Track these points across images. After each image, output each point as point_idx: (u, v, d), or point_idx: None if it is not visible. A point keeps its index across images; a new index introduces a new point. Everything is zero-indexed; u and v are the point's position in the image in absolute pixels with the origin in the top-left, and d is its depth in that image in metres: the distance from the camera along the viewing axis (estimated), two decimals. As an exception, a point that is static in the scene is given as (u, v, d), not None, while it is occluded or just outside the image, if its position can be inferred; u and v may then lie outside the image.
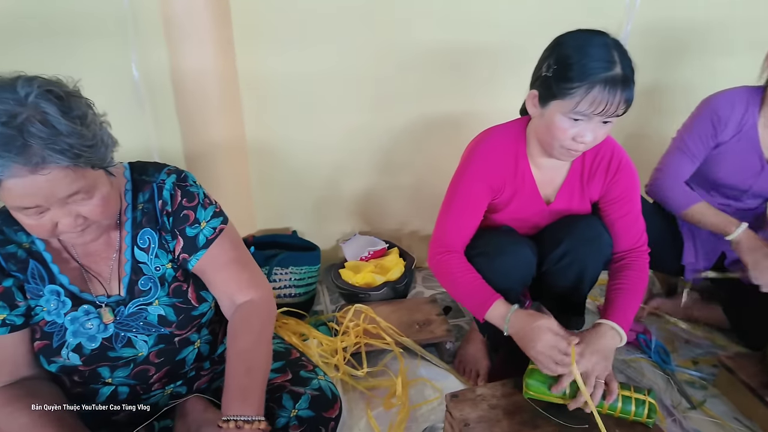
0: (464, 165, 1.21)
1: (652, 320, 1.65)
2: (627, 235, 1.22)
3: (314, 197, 1.81)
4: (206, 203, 0.94)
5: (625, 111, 1.02)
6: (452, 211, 1.20)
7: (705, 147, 1.41)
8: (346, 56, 1.59)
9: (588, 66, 0.97)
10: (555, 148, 1.08)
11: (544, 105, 1.06)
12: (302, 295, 1.62)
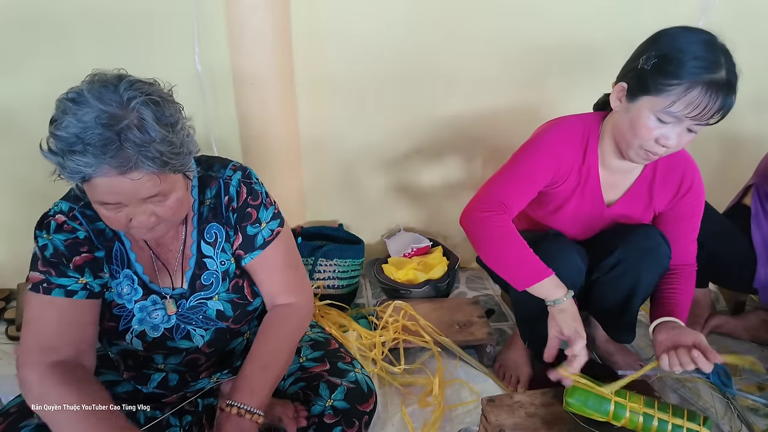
0: (534, 139, 1.13)
1: (713, 339, 1.54)
2: (682, 251, 1.18)
3: (361, 192, 1.83)
4: (268, 203, 0.96)
5: (719, 120, 0.95)
6: (513, 174, 1.10)
7: None
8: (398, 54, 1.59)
9: (691, 64, 0.91)
10: (633, 147, 1.02)
11: (633, 99, 0.99)
12: (345, 287, 1.64)
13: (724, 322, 1.56)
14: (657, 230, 1.16)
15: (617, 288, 1.18)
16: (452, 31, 1.57)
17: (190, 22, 1.43)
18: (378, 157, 1.77)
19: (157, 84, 0.77)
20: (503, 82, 1.65)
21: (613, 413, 0.98)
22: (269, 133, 1.59)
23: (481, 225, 1.06)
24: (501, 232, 1.05)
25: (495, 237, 1.06)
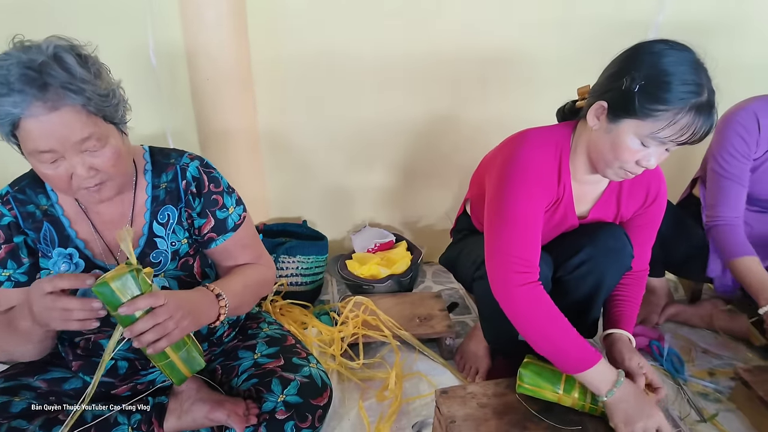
0: (514, 172, 1.03)
1: (670, 327, 1.58)
2: (638, 258, 1.19)
3: (326, 188, 1.83)
4: (230, 190, 1.02)
5: (702, 139, 0.92)
6: (519, 225, 1.01)
7: (746, 166, 1.31)
8: (364, 47, 1.59)
9: (680, 89, 0.87)
10: (612, 167, 0.98)
11: (615, 120, 0.94)
12: (309, 284, 1.63)
13: (681, 310, 1.60)
14: (622, 230, 1.16)
15: (581, 286, 1.18)
16: (410, 30, 1.58)
17: (143, 13, 1.41)
18: (343, 153, 1.76)
19: (81, 44, 0.80)
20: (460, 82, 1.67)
21: (564, 388, 1.01)
22: (228, 128, 1.57)
23: (525, 305, 0.99)
24: (543, 313, 0.98)
25: (537, 320, 0.98)
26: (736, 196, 1.31)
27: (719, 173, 1.33)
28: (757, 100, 1.31)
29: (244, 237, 1.03)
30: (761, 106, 1.29)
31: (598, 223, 1.16)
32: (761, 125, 1.27)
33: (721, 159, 1.32)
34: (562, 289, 1.19)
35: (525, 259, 1.00)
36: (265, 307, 1.46)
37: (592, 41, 1.53)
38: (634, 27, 1.71)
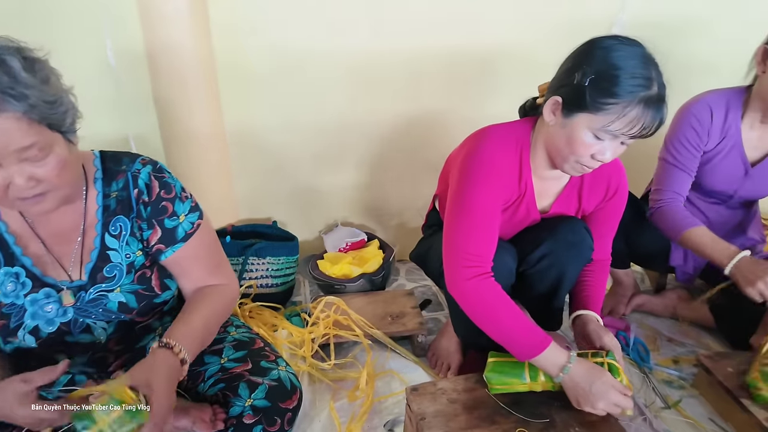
0: (472, 168, 1.05)
1: (636, 317, 1.61)
2: (601, 248, 1.22)
3: (297, 188, 1.81)
4: (183, 197, 0.96)
5: (653, 133, 0.94)
6: (473, 220, 1.03)
7: (695, 156, 1.35)
8: (332, 45, 1.57)
9: (629, 83, 0.89)
10: (569, 162, 1.00)
11: (569, 115, 0.96)
12: (280, 285, 1.61)
13: (646, 300, 1.64)
14: (582, 223, 1.18)
15: (544, 279, 1.20)
16: (377, 27, 1.57)
17: (100, 10, 1.36)
18: (313, 152, 1.74)
19: (29, 47, 0.76)
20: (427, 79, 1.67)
21: (530, 376, 1.03)
22: (193, 129, 1.54)
23: (473, 297, 1.02)
24: (492, 304, 1.01)
25: (488, 311, 1.01)
26: (681, 182, 1.35)
27: (668, 161, 1.37)
28: (712, 93, 1.34)
29: (197, 248, 0.96)
30: (716, 99, 1.32)
31: (558, 217, 1.18)
32: (714, 116, 1.31)
33: (672, 148, 1.35)
34: (526, 283, 1.21)
35: (476, 254, 1.02)
36: (233, 310, 1.43)
37: (556, 39, 1.55)
38: (598, 25, 1.74)
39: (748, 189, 1.38)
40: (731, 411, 1.18)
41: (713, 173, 1.37)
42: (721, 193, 1.41)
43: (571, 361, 0.98)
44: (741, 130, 1.32)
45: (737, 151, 1.33)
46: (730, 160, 1.35)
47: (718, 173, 1.37)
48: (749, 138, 1.32)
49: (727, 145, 1.33)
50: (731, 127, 1.31)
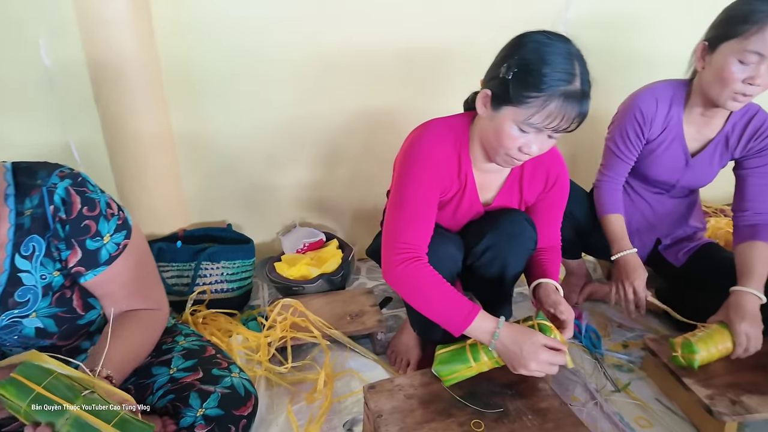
0: (410, 160, 1.08)
1: (588, 305, 1.67)
2: (548, 235, 1.26)
3: (252, 189, 1.77)
4: (109, 214, 0.88)
5: (576, 128, 0.97)
6: (407, 210, 1.06)
7: (636, 146, 1.41)
8: (282, 41, 1.55)
9: (550, 76, 0.91)
10: (499, 154, 1.03)
11: (497, 108, 0.98)
12: (236, 290, 1.58)
13: (597, 288, 1.70)
14: (522, 215, 1.21)
15: (489, 271, 1.23)
16: (328, 23, 1.56)
17: (36, 18, 1.29)
18: (266, 152, 1.72)
19: None
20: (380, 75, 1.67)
21: (473, 358, 1.05)
22: (139, 132, 1.49)
23: (404, 281, 1.04)
24: (422, 284, 1.03)
25: (418, 291, 1.03)
26: (619, 168, 1.44)
27: (610, 147, 1.44)
28: (660, 84, 1.39)
29: (123, 271, 0.89)
30: (662, 90, 1.37)
31: (500, 209, 1.21)
32: (659, 107, 1.36)
33: (619, 137, 1.41)
34: (474, 275, 1.24)
35: (408, 242, 1.04)
36: (184, 318, 1.39)
37: (503, 36, 1.57)
38: (544, 23, 1.78)
39: (689, 179, 1.45)
40: (675, 390, 1.24)
41: (656, 164, 1.43)
42: (664, 183, 1.48)
43: (500, 326, 1.00)
44: (683, 122, 1.38)
45: (679, 142, 1.39)
46: (672, 151, 1.41)
47: (661, 164, 1.43)
48: (690, 129, 1.38)
49: (669, 136, 1.39)
50: (673, 118, 1.37)
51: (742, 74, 1.17)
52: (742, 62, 1.16)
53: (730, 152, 1.38)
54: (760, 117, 1.33)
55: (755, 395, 1.12)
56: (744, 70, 1.16)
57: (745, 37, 1.14)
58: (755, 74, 1.15)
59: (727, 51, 1.18)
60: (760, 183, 1.34)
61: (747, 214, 1.35)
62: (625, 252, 1.36)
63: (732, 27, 1.17)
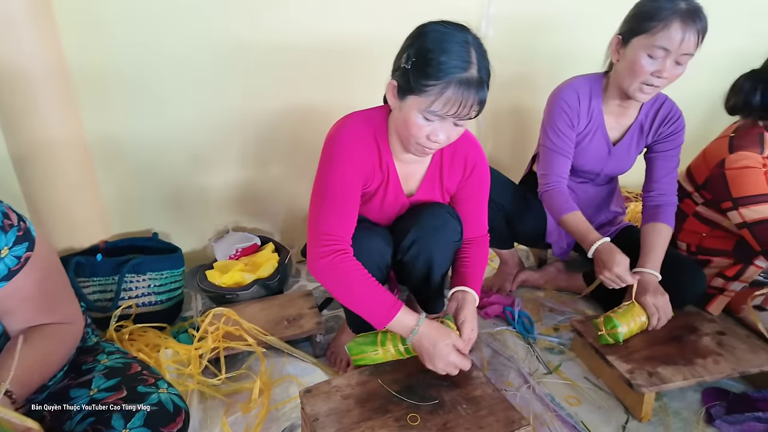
0: (331, 151, 1.09)
1: (521, 292, 1.73)
2: (474, 225, 1.27)
3: (178, 195, 1.69)
4: (7, 225, 0.81)
5: (477, 114, 0.99)
6: (329, 202, 1.07)
7: (571, 138, 1.46)
8: (204, 39, 1.49)
9: (446, 64, 0.92)
10: (411, 144, 1.05)
11: (402, 98, 1.00)
12: (165, 302, 1.50)
13: (529, 276, 1.77)
14: (445, 208, 1.22)
15: (416, 265, 1.24)
16: (250, 20, 1.52)
17: None
18: (190, 154, 1.65)
19: None
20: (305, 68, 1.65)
21: (381, 344, 1.09)
22: (46, 139, 1.38)
23: (329, 273, 1.04)
24: (346, 277, 1.03)
25: (343, 284, 1.04)
26: (561, 165, 1.47)
27: (548, 147, 1.48)
28: (577, 79, 1.46)
29: (25, 287, 0.83)
30: (581, 84, 1.44)
31: (423, 203, 1.22)
32: (580, 101, 1.42)
33: (551, 133, 1.46)
34: (404, 271, 1.25)
35: (330, 234, 1.05)
36: (108, 335, 1.31)
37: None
38: (467, 18, 1.82)
39: (611, 167, 1.53)
40: (601, 368, 1.31)
41: (582, 155, 1.50)
42: (589, 172, 1.55)
43: (419, 323, 1.04)
44: (603, 113, 1.45)
45: (601, 133, 1.47)
46: (596, 142, 1.48)
47: (587, 154, 1.50)
48: (610, 120, 1.46)
49: (593, 127, 1.46)
50: (595, 110, 1.44)
51: (651, 67, 1.25)
52: (651, 56, 1.24)
53: (645, 138, 1.47)
54: (667, 105, 1.44)
55: (670, 366, 1.20)
56: (653, 63, 1.25)
57: (652, 33, 1.22)
58: (662, 68, 1.24)
59: (637, 45, 1.26)
60: (666, 166, 1.45)
61: (653, 194, 1.45)
62: (598, 243, 1.33)
63: (641, 23, 1.25)
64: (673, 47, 1.21)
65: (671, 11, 1.20)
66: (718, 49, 2.05)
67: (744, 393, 1.25)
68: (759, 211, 1.27)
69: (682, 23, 1.19)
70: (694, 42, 1.20)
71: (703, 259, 1.51)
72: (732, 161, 1.31)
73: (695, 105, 1.86)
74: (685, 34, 1.19)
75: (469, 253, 1.25)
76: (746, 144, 1.32)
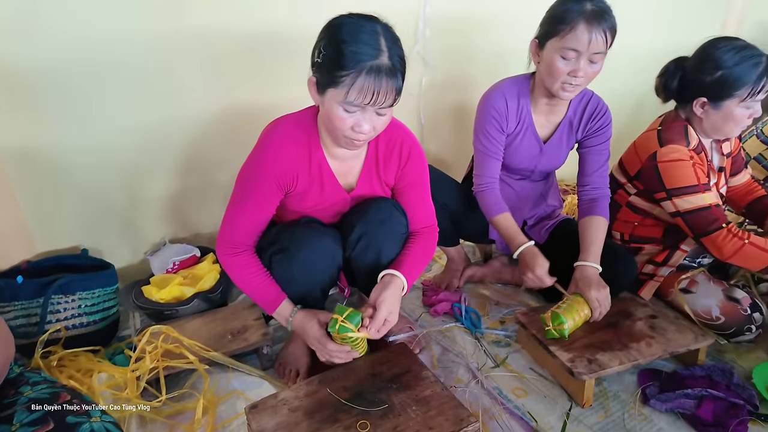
0: (254, 156, 1.14)
1: (469, 287, 1.76)
2: (416, 218, 1.28)
3: (109, 207, 1.60)
4: None
5: (394, 101, 1.00)
6: (241, 205, 1.14)
7: (500, 141, 1.50)
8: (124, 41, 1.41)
9: (355, 53, 0.94)
10: (339, 137, 1.06)
11: (323, 93, 1.01)
12: (98, 322, 1.41)
13: (475, 271, 1.80)
14: (389, 201, 1.24)
15: (365, 260, 1.25)
16: (174, 24, 1.45)
17: None
18: (120, 164, 1.55)
19: None
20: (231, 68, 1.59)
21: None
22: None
23: (227, 270, 1.17)
24: (240, 273, 1.16)
25: (239, 279, 1.17)
26: (492, 167, 1.51)
27: (480, 150, 1.52)
28: (504, 82, 1.50)
29: None
30: (508, 87, 1.48)
31: (368, 199, 1.24)
32: (508, 104, 1.47)
33: (482, 137, 1.49)
34: (354, 267, 1.26)
35: (235, 241, 1.15)
36: (33, 363, 1.21)
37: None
38: (402, 18, 1.83)
39: (544, 163, 1.58)
40: (545, 358, 1.35)
41: (515, 154, 1.55)
42: (524, 169, 1.60)
43: (293, 314, 1.17)
44: (532, 113, 1.50)
45: (531, 132, 1.52)
46: (527, 141, 1.53)
47: (519, 153, 1.55)
48: (539, 118, 1.51)
49: (523, 127, 1.51)
50: (524, 110, 1.49)
51: (566, 68, 1.30)
52: (564, 58, 1.30)
53: (575, 134, 1.54)
54: (594, 100, 1.50)
55: (607, 352, 1.26)
56: (567, 64, 1.30)
57: (561, 36, 1.28)
58: (577, 68, 1.29)
59: (551, 48, 1.32)
60: (598, 160, 1.52)
61: (587, 189, 1.52)
62: (523, 246, 1.41)
63: (552, 27, 1.31)
64: (583, 48, 1.27)
65: (577, 13, 1.26)
66: (646, 48, 2.18)
67: (674, 371, 1.32)
68: (691, 201, 1.35)
69: (587, 24, 1.25)
70: (602, 41, 1.26)
71: (636, 247, 1.59)
72: (663, 154, 1.39)
73: (624, 101, 1.96)
74: (591, 35, 1.25)
75: (412, 243, 1.26)
76: (674, 137, 1.40)
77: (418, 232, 1.29)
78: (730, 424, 1.13)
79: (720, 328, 1.39)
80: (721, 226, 1.31)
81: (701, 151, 1.42)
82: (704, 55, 1.34)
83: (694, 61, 1.37)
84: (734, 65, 1.29)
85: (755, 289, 1.53)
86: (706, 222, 1.33)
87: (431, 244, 1.30)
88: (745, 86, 1.28)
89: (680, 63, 1.41)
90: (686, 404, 1.20)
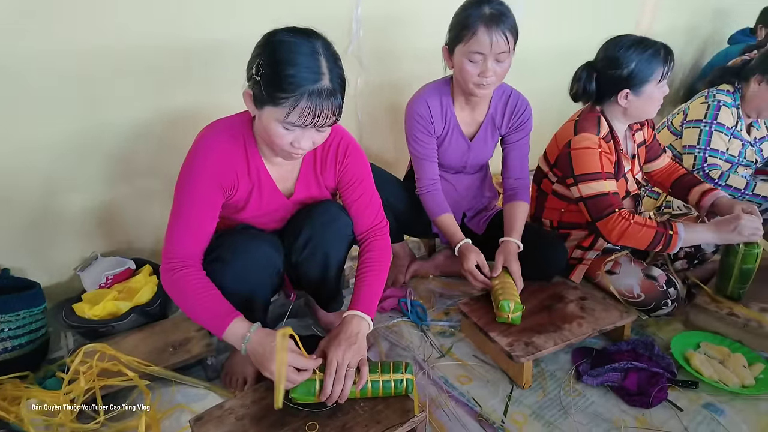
0: (189, 164, 1.09)
1: (414, 282, 1.80)
2: (364, 215, 1.27)
3: (32, 222, 1.50)
4: None
5: (336, 120, 1.00)
6: (182, 217, 1.07)
7: (432, 144, 1.56)
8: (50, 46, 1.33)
9: (295, 77, 0.92)
10: (278, 151, 1.05)
11: (260, 108, 0.99)
12: (25, 345, 1.32)
13: (420, 265, 1.84)
14: (335, 204, 1.24)
15: (313, 264, 1.25)
16: (100, 25, 1.38)
17: None
18: (43, 175, 1.46)
19: None
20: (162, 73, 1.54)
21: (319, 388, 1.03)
22: None
23: (170, 290, 1.06)
24: (185, 292, 1.04)
25: (183, 300, 1.05)
26: (430, 170, 1.58)
27: (415, 155, 1.59)
28: (426, 88, 1.57)
29: None
30: (429, 92, 1.54)
31: (312, 203, 1.24)
32: (431, 108, 1.53)
33: (414, 142, 1.56)
34: (301, 272, 1.26)
35: (177, 254, 1.06)
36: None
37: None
38: (336, 20, 1.84)
39: (473, 159, 1.66)
40: (486, 344, 1.41)
41: (446, 153, 1.62)
42: (456, 166, 1.67)
43: (251, 330, 1.03)
44: (455, 113, 1.56)
45: (458, 131, 1.58)
46: (455, 140, 1.60)
47: (450, 152, 1.62)
48: (463, 117, 1.58)
49: (449, 128, 1.57)
50: (447, 112, 1.55)
51: (475, 70, 1.38)
52: (471, 61, 1.37)
53: (498, 130, 1.62)
54: (514, 97, 1.59)
55: (542, 334, 1.33)
56: (475, 66, 1.38)
57: (466, 41, 1.35)
58: (485, 69, 1.37)
59: (459, 53, 1.39)
60: (519, 154, 1.63)
61: (510, 180, 1.64)
62: (459, 244, 1.52)
63: (457, 33, 1.38)
64: (486, 51, 1.34)
65: (477, 18, 1.33)
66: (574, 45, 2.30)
67: (604, 348, 1.43)
68: (592, 187, 1.45)
69: (486, 28, 1.32)
70: (503, 42, 1.33)
71: (564, 233, 1.70)
72: (576, 142, 1.48)
73: (551, 98, 2.06)
74: (492, 37, 1.32)
75: (367, 261, 1.21)
76: (587, 126, 1.50)
77: (367, 237, 1.26)
78: (651, 392, 1.24)
79: (641, 304, 1.52)
80: (613, 210, 1.42)
81: (611, 140, 1.53)
82: (613, 55, 1.45)
83: (604, 62, 1.47)
84: (643, 55, 1.41)
85: (671, 266, 1.67)
86: (602, 206, 1.44)
87: (385, 250, 1.27)
88: (658, 69, 1.42)
89: (590, 66, 1.52)
90: (614, 377, 1.30)
